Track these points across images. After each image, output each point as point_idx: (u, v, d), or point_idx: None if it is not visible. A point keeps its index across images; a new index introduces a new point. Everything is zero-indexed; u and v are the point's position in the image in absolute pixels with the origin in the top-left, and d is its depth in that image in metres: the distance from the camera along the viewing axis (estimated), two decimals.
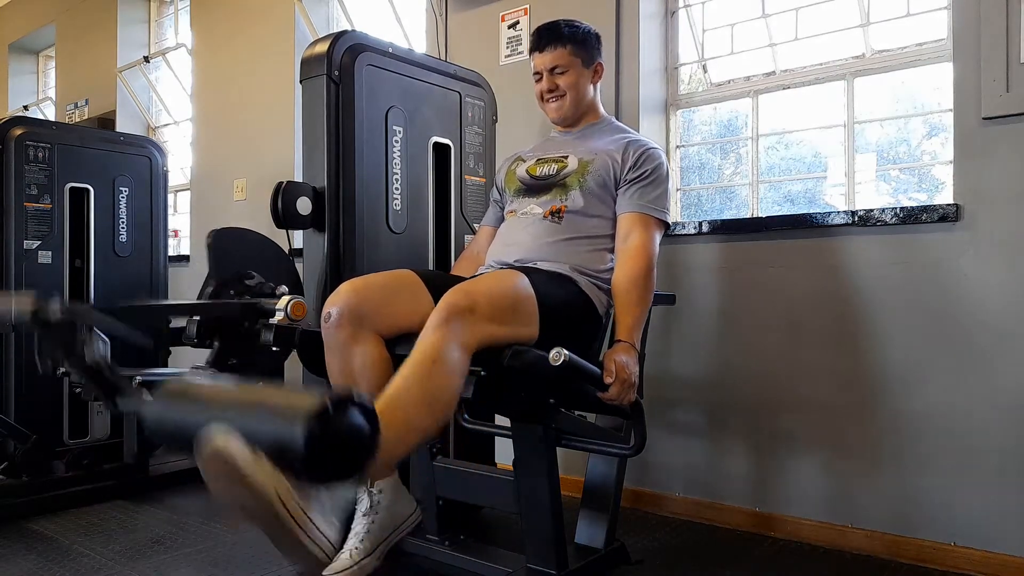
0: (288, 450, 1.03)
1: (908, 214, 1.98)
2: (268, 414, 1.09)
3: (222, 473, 1.05)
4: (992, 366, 1.88)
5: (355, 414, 1.08)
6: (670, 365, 2.39)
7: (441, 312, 1.41)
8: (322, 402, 1.03)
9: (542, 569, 1.66)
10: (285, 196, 1.83)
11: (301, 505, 1.10)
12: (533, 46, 1.92)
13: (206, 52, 4.14)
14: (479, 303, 1.44)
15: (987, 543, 1.88)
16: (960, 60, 1.94)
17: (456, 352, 1.38)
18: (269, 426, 1.07)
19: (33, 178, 2.67)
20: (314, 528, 1.12)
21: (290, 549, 1.13)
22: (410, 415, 1.33)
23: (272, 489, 1.06)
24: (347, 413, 1.06)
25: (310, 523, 1.12)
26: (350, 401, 1.07)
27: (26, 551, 2.07)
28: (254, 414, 1.10)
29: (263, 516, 1.08)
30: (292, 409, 1.06)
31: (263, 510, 1.07)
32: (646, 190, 1.79)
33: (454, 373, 1.38)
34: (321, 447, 1.03)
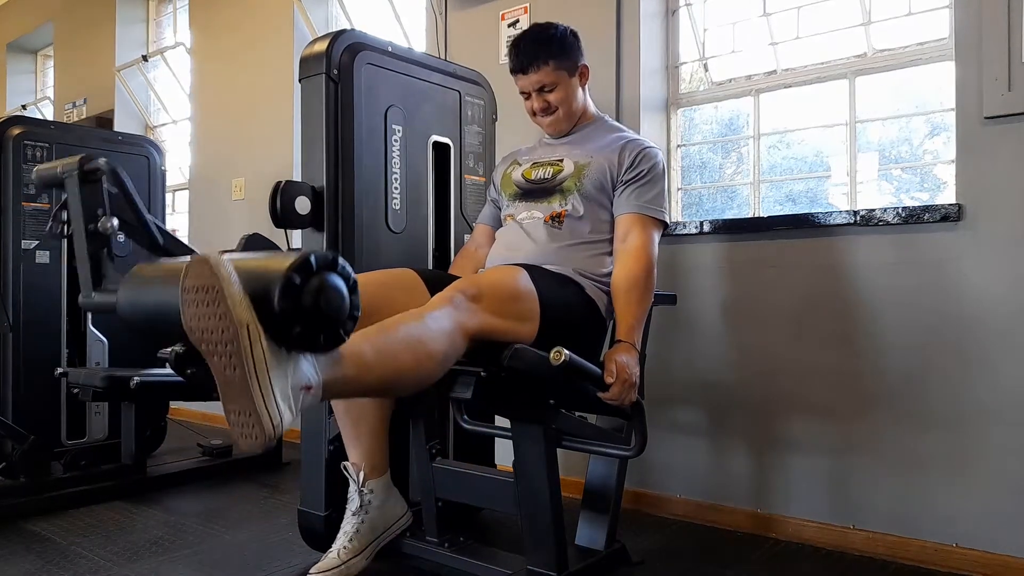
0: (266, 294, 1.00)
1: (910, 214, 1.97)
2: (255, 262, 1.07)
3: (202, 285, 1.01)
4: (994, 366, 1.88)
5: (337, 278, 1.07)
6: (671, 365, 2.38)
7: (448, 292, 1.42)
8: (306, 255, 1.02)
9: (542, 571, 1.65)
10: (284, 195, 1.82)
11: (266, 354, 1.02)
12: (514, 67, 1.87)
13: (205, 51, 4.13)
14: (484, 293, 1.45)
15: (988, 544, 1.87)
16: (962, 59, 1.93)
17: (452, 324, 1.37)
18: (254, 271, 1.04)
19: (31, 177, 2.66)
20: (270, 390, 1.02)
21: (239, 405, 1.03)
22: (392, 346, 1.29)
23: (244, 317, 1.00)
24: (330, 274, 1.05)
25: (268, 381, 1.02)
26: (335, 264, 1.06)
27: (24, 552, 2.06)
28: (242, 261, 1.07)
29: (225, 347, 1.01)
30: (277, 260, 1.05)
31: (228, 338, 1.00)
32: (643, 190, 1.79)
33: (444, 337, 1.35)
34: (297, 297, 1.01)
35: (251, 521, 2.32)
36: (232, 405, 1.04)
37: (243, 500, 2.58)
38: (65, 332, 2.73)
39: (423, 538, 1.90)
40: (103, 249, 1.55)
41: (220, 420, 3.85)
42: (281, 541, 2.13)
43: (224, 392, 1.05)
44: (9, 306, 2.59)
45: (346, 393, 1.31)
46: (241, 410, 1.03)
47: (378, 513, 1.74)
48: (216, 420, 3.88)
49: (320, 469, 1.90)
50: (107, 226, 1.56)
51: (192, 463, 2.95)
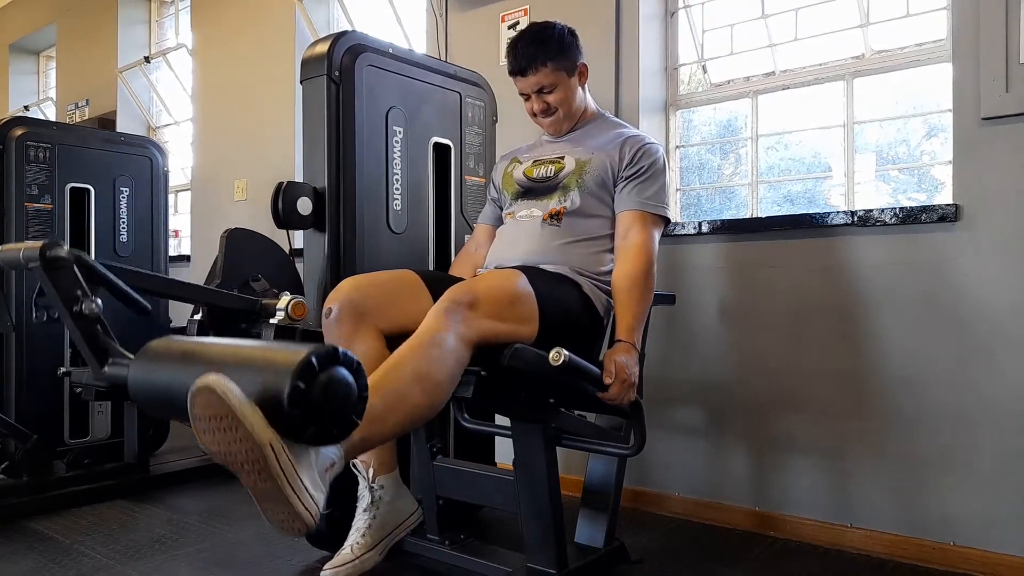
0: (276, 403, 1.01)
1: (908, 214, 1.98)
2: (255, 367, 1.07)
3: (214, 414, 1.02)
4: (992, 365, 1.89)
5: (341, 370, 1.07)
6: (670, 365, 2.39)
7: (442, 304, 1.43)
8: (306, 357, 1.02)
9: (542, 568, 1.67)
10: (285, 196, 1.83)
11: (291, 459, 1.06)
12: (512, 69, 1.87)
13: (207, 52, 4.15)
14: (480, 299, 1.45)
15: (986, 543, 1.88)
16: (959, 60, 1.95)
17: (453, 340, 1.38)
18: (257, 378, 1.05)
19: (34, 178, 2.68)
20: (303, 487, 1.07)
21: (276, 507, 1.08)
22: (401, 388, 1.31)
23: (265, 436, 1.02)
24: (333, 368, 1.06)
25: (299, 481, 1.07)
26: (336, 356, 1.07)
27: (27, 551, 2.07)
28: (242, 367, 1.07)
29: (253, 466, 1.04)
30: (279, 363, 1.05)
31: (254, 458, 1.03)
32: (644, 186, 1.79)
33: (450, 357, 1.37)
34: (307, 402, 1.02)
35: (253, 519, 2.33)
36: (269, 507, 1.09)
37: (245, 498, 2.56)
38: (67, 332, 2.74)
39: (424, 536, 1.91)
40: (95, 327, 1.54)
41: None
42: (283, 539, 2.14)
43: (258, 498, 1.10)
44: (12, 306, 2.60)
45: (367, 448, 1.35)
46: (279, 511, 1.08)
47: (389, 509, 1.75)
48: None
49: None
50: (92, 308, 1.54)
51: (194, 462, 2.96)
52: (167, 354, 1.23)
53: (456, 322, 1.40)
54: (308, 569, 1.92)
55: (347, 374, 1.08)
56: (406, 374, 1.33)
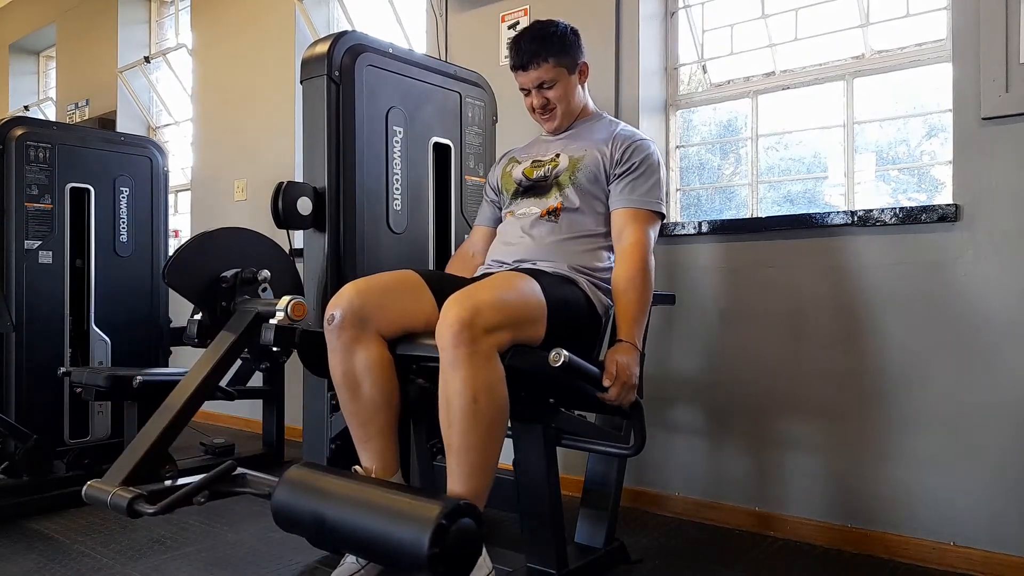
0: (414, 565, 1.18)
1: (907, 214, 1.98)
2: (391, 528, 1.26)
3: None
4: (992, 365, 1.89)
5: (466, 521, 1.24)
6: (670, 365, 2.39)
7: (451, 331, 1.40)
8: (438, 520, 1.21)
9: (542, 568, 1.66)
10: (285, 196, 1.83)
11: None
12: (514, 64, 1.88)
13: (207, 52, 4.15)
14: (483, 312, 1.43)
15: (987, 543, 1.88)
16: (959, 60, 1.95)
17: (483, 372, 1.42)
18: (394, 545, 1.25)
19: (34, 178, 2.68)
20: None
21: None
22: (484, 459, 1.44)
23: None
24: (460, 521, 1.23)
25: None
26: (459, 510, 1.25)
27: (27, 551, 2.07)
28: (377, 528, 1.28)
29: None
30: (414, 525, 1.23)
31: None
32: (637, 183, 1.78)
33: (493, 391, 1.43)
34: (443, 562, 1.19)
35: (253, 519, 2.33)
36: None
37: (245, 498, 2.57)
38: (68, 332, 2.74)
39: None
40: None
41: (223, 419, 3.86)
42: (283, 539, 2.14)
43: None
44: (12, 306, 2.60)
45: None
46: None
47: None
48: (219, 419, 3.90)
49: None
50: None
51: (195, 462, 2.95)
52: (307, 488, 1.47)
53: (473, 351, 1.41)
54: (308, 569, 1.92)
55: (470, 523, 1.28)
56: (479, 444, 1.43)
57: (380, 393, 1.61)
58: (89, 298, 2.82)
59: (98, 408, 2.83)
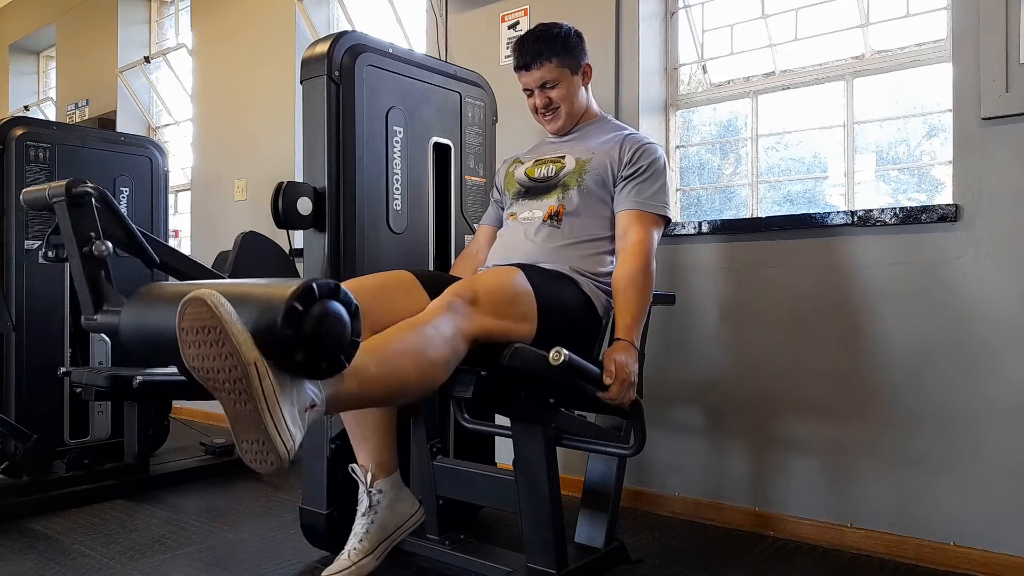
0: (268, 323, 1.01)
1: (907, 214, 1.98)
2: (253, 295, 1.07)
3: (202, 325, 1.01)
4: (991, 365, 1.89)
5: (338, 305, 1.07)
6: (670, 365, 2.39)
7: (444, 299, 1.43)
8: (309, 282, 1.03)
9: (542, 568, 1.66)
10: (286, 196, 1.83)
11: (274, 384, 1.04)
12: (518, 64, 1.89)
13: (207, 52, 4.15)
14: (480, 296, 1.46)
15: (987, 543, 1.88)
16: (959, 60, 1.95)
17: (452, 329, 1.38)
18: (252, 303, 1.04)
19: (34, 178, 2.68)
20: (282, 417, 1.05)
21: (251, 434, 1.05)
22: (394, 357, 1.30)
23: (251, 355, 1.01)
24: (331, 302, 1.06)
25: (279, 409, 1.04)
26: (338, 293, 1.07)
27: (27, 550, 2.07)
28: (240, 294, 1.07)
29: (234, 384, 1.02)
30: (278, 288, 1.05)
31: (236, 376, 1.01)
32: (643, 186, 1.79)
33: (446, 343, 1.37)
34: (300, 324, 1.02)
35: (253, 519, 2.33)
36: (244, 435, 1.07)
37: (245, 498, 2.59)
38: (68, 332, 2.74)
39: (424, 536, 1.91)
40: (100, 271, 1.55)
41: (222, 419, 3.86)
42: (283, 539, 2.15)
43: (234, 424, 1.07)
44: (12, 306, 2.60)
45: (351, 406, 1.33)
46: (254, 439, 1.06)
47: (388, 512, 1.74)
48: (218, 419, 3.90)
49: (322, 467, 1.91)
50: (101, 249, 1.55)
51: (194, 462, 2.96)
52: (160, 295, 1.22)
53: (456, 315, 1.40)
54: (308, 569, 1.92)
55: (344, 312, 1.08)
56: (400, 346, 1.32)
57: None
58: None
59: (98, 408, 2.83)
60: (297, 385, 1.09)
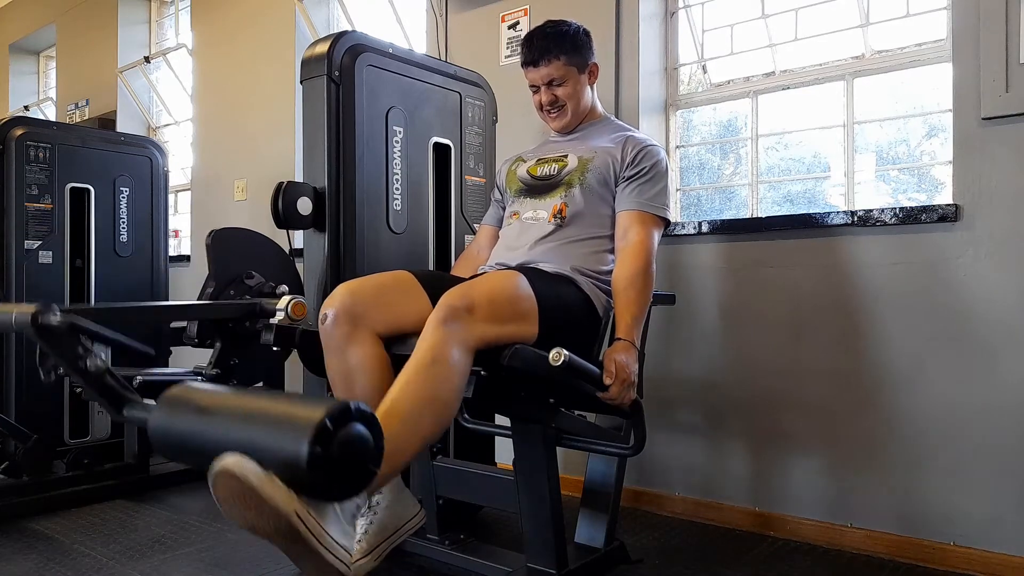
0: (295, 470, 1.02)
1: (908, 214, 1.98)
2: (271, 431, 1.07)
3: (236, 494, 1.04)
4: (992, 365, 1.89)
5: (357, 426, 1.06)
6: (670, 365, 2.39)
7: (439, 313, 1.42)
8: (321, 420, 1.01)
9: (542, 568, 1.67)
10: (286, 196, 1.83)
11: (317, 519, 1.10)
12: (525, 60, 1.89)
13: (207, 52, 4.15)
14: (477, 303, 1.44)
15: (987, 543, 1.88)
16: (959, 60, 1.95)
17: (456, 352, 1.38)
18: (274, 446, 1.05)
19: (34, 178, 2.68)
20: (332, 541, 1.13)
21: (311, 564, 1.13)
22: (413, 419, 1.33)
23: (289, 507, 1.05)
24: (348, 426, 1.05)
25: (328, 536, 1.12)
26: (350, 413, 1.05)
27: (27, 550, 2.07)
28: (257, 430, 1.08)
29: (282, 535, 1.08)
30: (295, 426, 1.04)
31: (282, 529, 1.06)
32: (645, 187, 1.80)
33: (455, 373, 1.38)
34: (325, 465, 1.02)
35: None
36: (302, 564, 1.15)
37: None
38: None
39: (424, 536, 1.91)
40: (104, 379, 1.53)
41: None
42: None
43: (290, 557, 1.15)
44: None
45: (388, 480, 1.43)
46: (312, 566, 1.13)
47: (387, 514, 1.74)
48: None
49: None
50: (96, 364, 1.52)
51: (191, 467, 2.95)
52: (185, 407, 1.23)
53: (455, 331, 1.40)
54: None
55: (363, 429, 1.08)
56: (415, 402, 1.34)
57: (375, 390, 1.60)
58: (89, 298, 2.81)
59: (98, 408, 2.83)
60: (337, 505, 1.17)
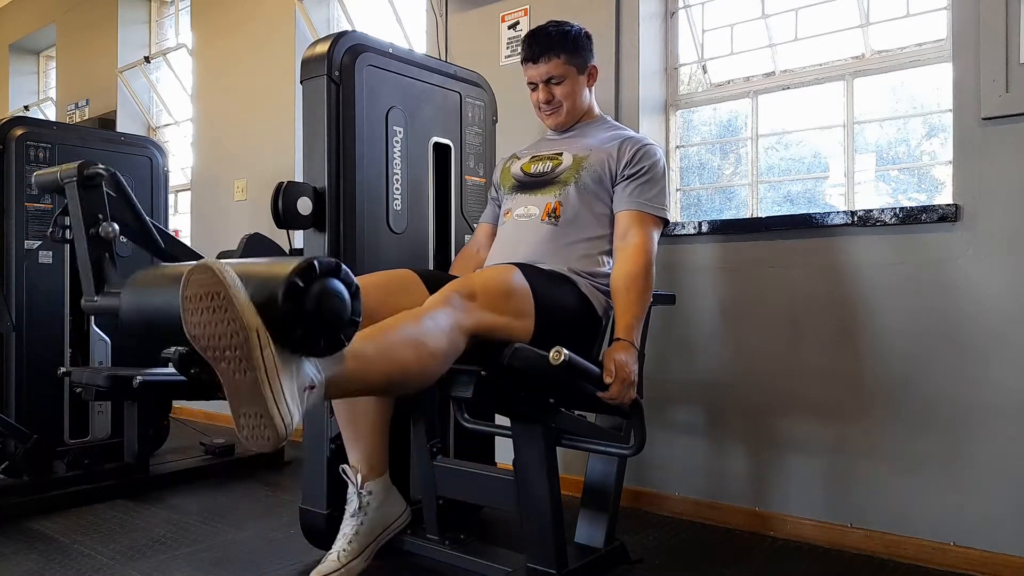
0: (270, 298, 1.00)
1: (907, 214, 1.98)
2: (257, 270, 1.07)
3: (207, 291, 1.00)
4: (991, 365, 1.89)
5: (338, 283, 1.07)
6: (670, 365, 2.39)
7: (442, 294, 1.44)
8: (310, 259, 1.03)
9: (542, 568, 1.66)
10: (286, 196, 1.83)
11: (275, 357, 1.03)
12: (526, 56, 1.90)
13: (207, 52, 4.15)
14: (478, 291, 1.47)
15: (986, 543, 1.88)
16: (959, 60, 1.95)
17: (451, 322, 1.39)
18: (256, 277, 1.04)
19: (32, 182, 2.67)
20: (281, 391, 1.03)
21: (250, 407, 1.04)
22: (393, 343, 1.30)
23: (253, 322, 1.00)
24: (331, 279, 1.06)
25: (279, 382, 1.03)
26: (339, 270, 1.07)
27: (27, 551, 2.07)
28: (243, 271, 1.07)
29: (235, 352, 1.02)
30: (280, 265, 1.05)
31: (238, 343, 1.00)
32: (644, 188, 1.79)
33: (444, 335, 1.37)
34: (300, 300, 1.02)
35: (253, 519, 2.33)
36: (243, 408, 1.05)
37: (245, 498, 2.59)
38: (68, 332, 2.74)
39: (424, 536, 1.91)
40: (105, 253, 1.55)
41: (223, 419, 3.86)
42: (283, 539, 2.15)
43: (233, 396, 1.05)
44: (12, 306, 2.60)
45: (349, 391, 1.32)
46: (252, 413, 1.04)
47: (377, 514, 1.75)
48: (219, 419, 3.90)
49: (322, 467, 1.91)
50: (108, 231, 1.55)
51: (194, 462, 2.96)
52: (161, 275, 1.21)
53: (455, 309, 1.41)
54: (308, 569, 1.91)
55: (344, 290, 1.09)
56: (400, 334, 1.32)
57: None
58: None
59: (98, 408, 2.82)
60: (297, 362, 1.09)
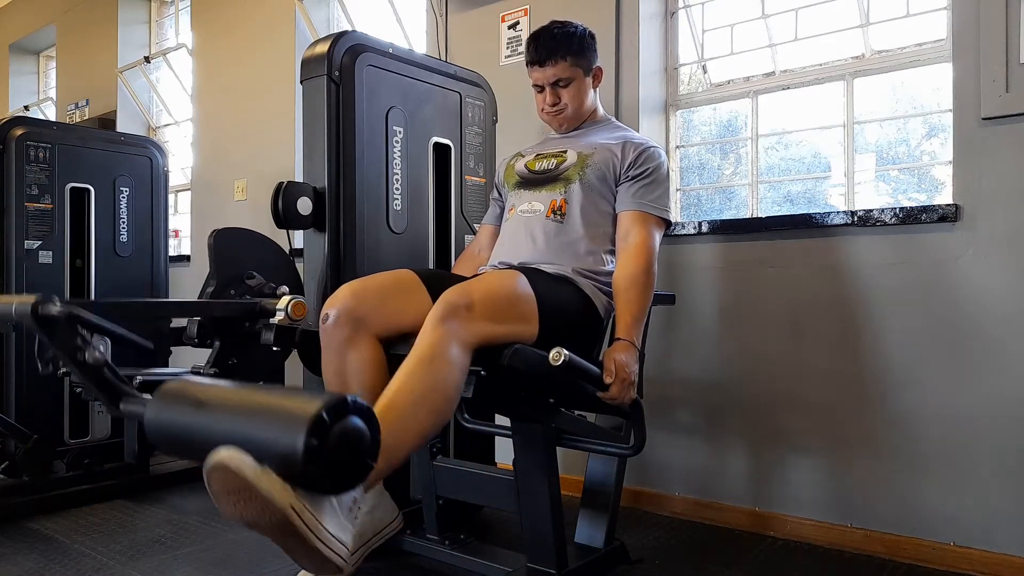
0: (291, 463, 1.01)
1: (907, 214, 1.98)
2: (267, 424, 1.06)
3: (231, 488, 1.03)
4: (992, 365, 1.89)
5: (353, 419, 1.05)
6: (670, 365, 2.39)
7: (438, 310, 1.42)
8: (317, 412, 1.00)
9: (542, 568, 1.67)
10: (286, 196, 1.83)
11: (313, 513, 1.09)
12: (531, 59, 1.89)
13: (207, 53, 4.15)
14: (476, 301, 1.44)
15: (986, 543, 1.88)
16: (959, 60, 1.95)
17: (455, 349, 1.38)
18: (270, 439, 1.04)
19: (34, 178, 2.68)
20: (328, 535, 1.12)
21: (307, 558, 1.13)
22: (410, 414, 1.32)
23: (285, 501, 1.03)
24: (345, 419, 1.04)
25: (324, 531, 1.11)
26: (346, 406, 1.04)
27: (27, 551, 2.07)
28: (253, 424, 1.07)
29: (278, 529, 1.07)
30: (291, 419, 1.03)
31: (277, 523, 1.05)
32: (647, 189, 1.80)
33: (453, 370, 1.37)
34: (322, 458, 1.01)
35: None
36: (299, 558, 1.14)
37: None
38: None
39: (424, 536, 1.91)
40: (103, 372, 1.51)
41: None
42: None
43: (287, 551, 1.13)
44: None
45: (383, 477, 1.39)
46: (310, 560, 1.13)
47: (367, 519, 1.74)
48: None
49: None
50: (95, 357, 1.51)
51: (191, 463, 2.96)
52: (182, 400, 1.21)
53: (454, 329, 1.39)
54: None
55: (359, 423, 1.06)
56: (412, 397, 1.33)
57: (370, 394, 1.60)
58: (89, 297, 2.81)
59: (98, 408, 2.83)
60: (334, 498, 1.16)
